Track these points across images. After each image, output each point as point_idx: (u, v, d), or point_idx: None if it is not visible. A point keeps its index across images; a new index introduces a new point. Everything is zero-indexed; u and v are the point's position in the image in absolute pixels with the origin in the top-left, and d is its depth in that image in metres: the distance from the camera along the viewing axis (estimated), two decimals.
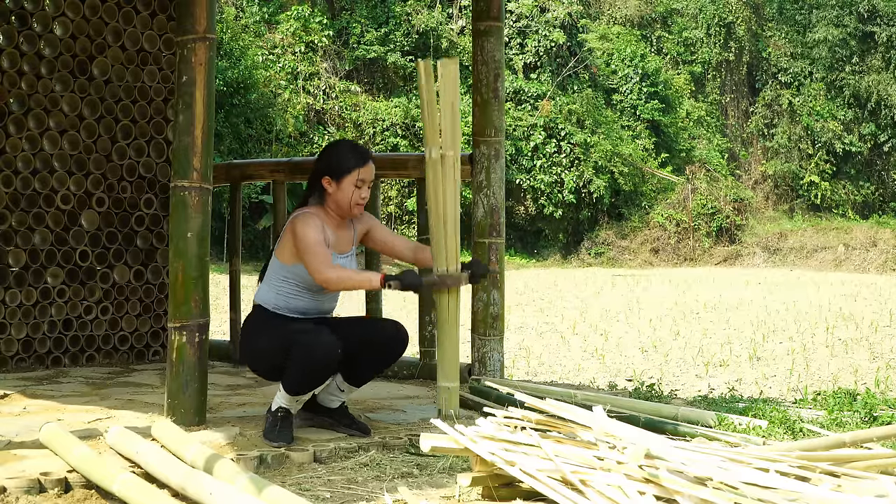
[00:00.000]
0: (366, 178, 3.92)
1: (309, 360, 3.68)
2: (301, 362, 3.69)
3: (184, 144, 3.99)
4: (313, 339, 3.68)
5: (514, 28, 26.76)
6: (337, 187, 3.89)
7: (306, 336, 3.69)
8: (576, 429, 2.97)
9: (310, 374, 3.72)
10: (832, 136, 29.56)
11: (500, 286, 5.05)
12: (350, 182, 3.88)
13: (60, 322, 5.81)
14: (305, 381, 3.75)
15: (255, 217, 21.39)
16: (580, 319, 12.50)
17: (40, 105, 5.75)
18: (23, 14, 5.71)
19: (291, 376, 3.76)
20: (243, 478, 2.80)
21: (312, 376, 3.74)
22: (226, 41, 22.33)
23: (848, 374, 8.13)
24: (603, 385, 6.52)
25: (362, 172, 3.91)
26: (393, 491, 3.10)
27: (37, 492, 3.06)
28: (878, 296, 16.56)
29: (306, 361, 3.69)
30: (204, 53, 3.99)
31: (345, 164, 3.90)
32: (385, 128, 24.36)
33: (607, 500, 2.48)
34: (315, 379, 3.76)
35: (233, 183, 6.25)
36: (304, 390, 3.80)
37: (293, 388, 3.77)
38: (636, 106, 28.11)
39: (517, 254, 25.39)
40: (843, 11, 30.15)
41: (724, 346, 9.99)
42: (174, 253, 3.97)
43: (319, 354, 3.67)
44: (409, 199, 23.14)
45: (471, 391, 4.66)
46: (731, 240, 27.04)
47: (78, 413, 4.22)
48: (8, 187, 5.66)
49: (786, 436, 3.78)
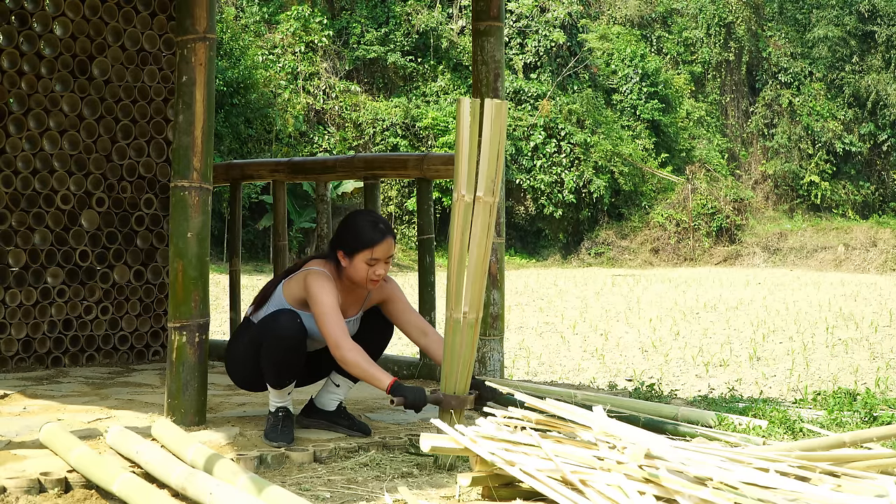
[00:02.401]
0: (381, 257, 3.76)
1: (274, 345, 3.69)
2: (268, 351, 3.71)
3: (184, 144, 3.99)
4: (272, 325, 3.70)
5: (514, 28, 26.76)
6: (349, 263, 3.77)
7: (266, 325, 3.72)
8: (576, 429, 2.97)
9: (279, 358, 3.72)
10: (832, 136, 29.56)
11: (500, 286, 5.05)
12: (362, 259, 3.74)
13: (60, 322, 5.82)
14: (278, 366, 3.75)
15: (255, 217, 21.39)
16: (580, 319, 12.50)
17: (40, 105, 5.75)
18: (23, 14, 5.71)
19: (265, 369, 3.78)
20: (243, 478, 2.80)
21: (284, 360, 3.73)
22: (226, 41, 22.33)
23: (848, 374, 8.13)
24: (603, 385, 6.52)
25: (377, 251, 3.74)
26: (393, 491, 3.10)
27: (37, 492, 3.06)
28: (878, 296, 16.56)
29: (272, 349, 3.70)
30: (204, 53, 3.99)
31: (359, 240, 3.74)
32: (385, 128, 24.36)
33: (607, 500, 2.48)
34: (286, 362, 3.74)
35: (233, 183, 6.25)
36: (284, 378, 3.78)
37: (272, 379, 3.78)
38: (636, 106, 28.11)
39: (517, 254, 25.39)
40: (843, 11, 30.15)
41: (724, 346, 9.99)
42: (174, 253, 3.97)
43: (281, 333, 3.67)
44: (409, 200, 23.13)
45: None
46: (731, 240, 27.04)
47: (78, 413, 4.22)
48: (8, 187, 5.66)
49: (786, 436, 3.78)
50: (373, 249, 3.73)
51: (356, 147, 23.86)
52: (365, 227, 3.77)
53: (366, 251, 3.73)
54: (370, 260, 3.74)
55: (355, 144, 24.01)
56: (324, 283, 3.72)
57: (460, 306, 3.48)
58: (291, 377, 3.80)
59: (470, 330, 3.49)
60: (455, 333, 3.50)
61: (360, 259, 3.74)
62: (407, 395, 3.57)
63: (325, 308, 3.66)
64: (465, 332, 3.49)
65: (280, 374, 3.77)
